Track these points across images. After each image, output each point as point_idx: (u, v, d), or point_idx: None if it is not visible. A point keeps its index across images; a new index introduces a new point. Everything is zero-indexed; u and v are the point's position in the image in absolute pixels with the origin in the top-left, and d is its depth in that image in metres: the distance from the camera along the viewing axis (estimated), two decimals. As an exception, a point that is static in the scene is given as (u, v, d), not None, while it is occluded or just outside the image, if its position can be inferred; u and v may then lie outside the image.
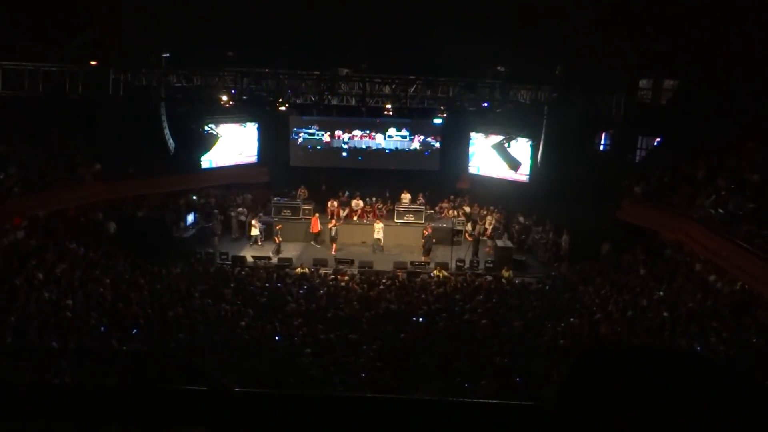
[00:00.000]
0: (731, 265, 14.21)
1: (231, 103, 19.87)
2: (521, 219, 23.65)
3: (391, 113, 20.59)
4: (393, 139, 24.75)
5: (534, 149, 21.64)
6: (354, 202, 23.67)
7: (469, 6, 19.11)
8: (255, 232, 22.06)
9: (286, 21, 20.06)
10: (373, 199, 24.10)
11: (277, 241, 21.51)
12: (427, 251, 21.03)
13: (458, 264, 20.26)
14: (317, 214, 22.71)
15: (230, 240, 22.66)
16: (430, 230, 21.52)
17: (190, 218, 22.07)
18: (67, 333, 11.83)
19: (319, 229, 22.31)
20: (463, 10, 19.30)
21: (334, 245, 21.56)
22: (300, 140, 24.85)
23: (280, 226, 21.91)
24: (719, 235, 14.81)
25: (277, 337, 12.43)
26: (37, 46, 17.98)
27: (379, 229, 22.04)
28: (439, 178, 25.08)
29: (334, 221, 22.16)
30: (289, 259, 20.12)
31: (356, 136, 24.71)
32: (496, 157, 21.73)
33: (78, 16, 18.49)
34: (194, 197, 23.63)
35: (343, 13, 19.86)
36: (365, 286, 17.07)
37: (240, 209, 23.73)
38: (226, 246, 21.57)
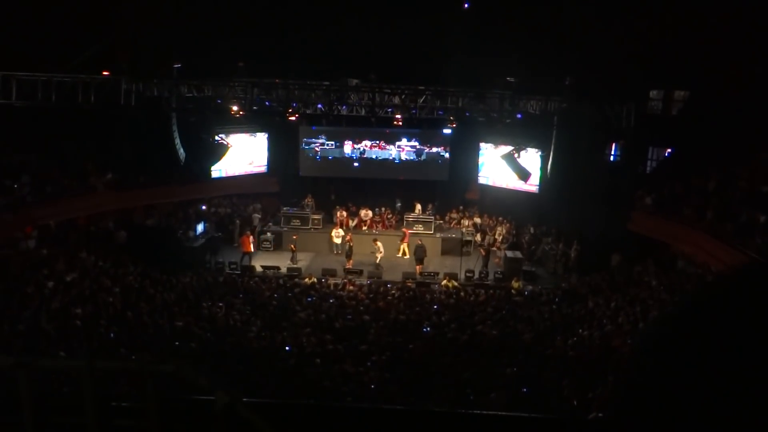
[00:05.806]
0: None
1: (241, 113, 19.97)
2: (531, 230, 23.54)
3: (400, 123, 20.61)
4: (402, 149, 24.73)
5: (544, 160, 21.56)
6: (363, 212, 23.63)
7: (479, 17, 19.16)
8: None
9: (295, 32, 20.19)
10: (382, 209, 24.07)
11: (293, 249, 21.39)
12: (419, 260, 20.89)
13: (467, 275, 20.17)
14: (248, 232, 21.94)
15: (239, 249, 22.67)
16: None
17: (200, 227, 22.15)
18: (77, 342, 11.86)
19: (250, 249, 21.04)
20: (472, 21, 19.35)
21: (348, 261, 20.88)
22: (309, 150, 24.88)
23: (296, 236, 21.86)
24: (732, 247, 14.69)
25: (286, 348, 12.41)
26: (50, 56, 18.18)
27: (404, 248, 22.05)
28: (448, 188, 25.02)
29: (350, 235, 21.61)
30: (298, 269, 20.11)
31: (366, 146, 24.69)
32: (505, 167, 21.64)
33: (90, 27, 18.71)
34: (203, 206, 23.74)
35: (352, 24, 19.94)
36: (372, 296, 17.03)
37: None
38: (234, 255, 21.59)
